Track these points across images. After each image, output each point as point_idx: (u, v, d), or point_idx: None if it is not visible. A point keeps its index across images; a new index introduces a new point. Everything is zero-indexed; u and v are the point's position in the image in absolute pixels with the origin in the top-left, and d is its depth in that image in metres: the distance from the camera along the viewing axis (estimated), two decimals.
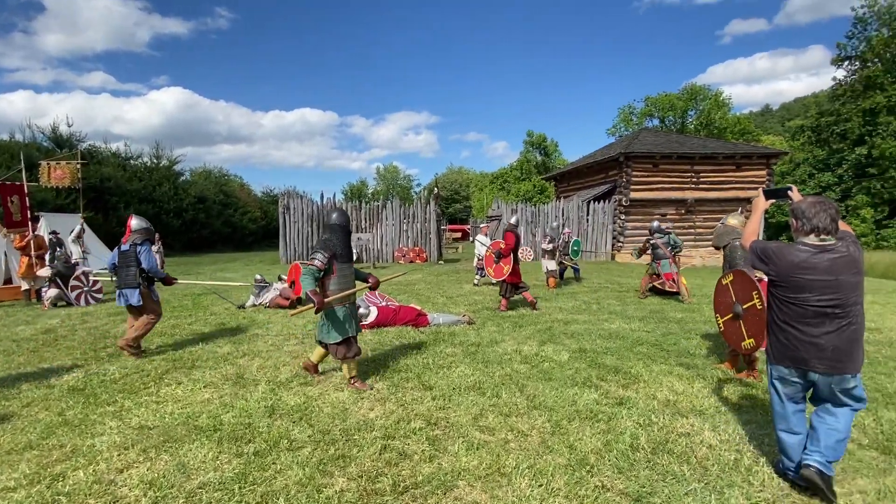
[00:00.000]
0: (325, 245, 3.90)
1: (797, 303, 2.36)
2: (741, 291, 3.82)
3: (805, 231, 2.39)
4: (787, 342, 2.41)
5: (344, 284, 4.00)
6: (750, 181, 18.65)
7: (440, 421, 3.28)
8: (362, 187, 74.66)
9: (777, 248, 2.48)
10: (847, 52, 30.72)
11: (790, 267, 2.36)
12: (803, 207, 2.41)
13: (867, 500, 2.34)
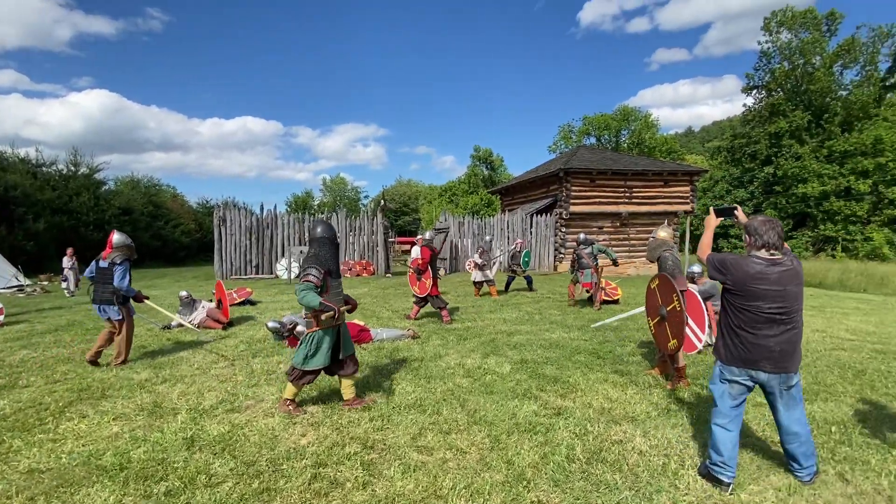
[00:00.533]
0: (316, 260, 3.66)
1: (751, 310, 2.59)
2: (664, 294, 4.11)
3: (757, 246, 2.63)
4: (741, 345, 2.62)
5: (338, 301, 3.78)
6: (676, 196, 20.13)
7: (377, 443, 3.14)
8: (307, 199, 72.59)
9: (734, 260, 2.69)
10: (755, 81, 34.36)
11: (746, 277, 2.59)
12: (756, 225, 2.65)
13: (779, 496, 2.50)
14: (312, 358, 3.66)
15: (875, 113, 29.82)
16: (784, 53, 32.17)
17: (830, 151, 29.05)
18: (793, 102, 31.51)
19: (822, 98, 30.45)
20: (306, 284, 3.51)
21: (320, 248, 3.76)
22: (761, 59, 33.50)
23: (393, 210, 63.37)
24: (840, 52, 30.29)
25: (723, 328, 2.75)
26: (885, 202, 27.29)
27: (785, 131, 30.65)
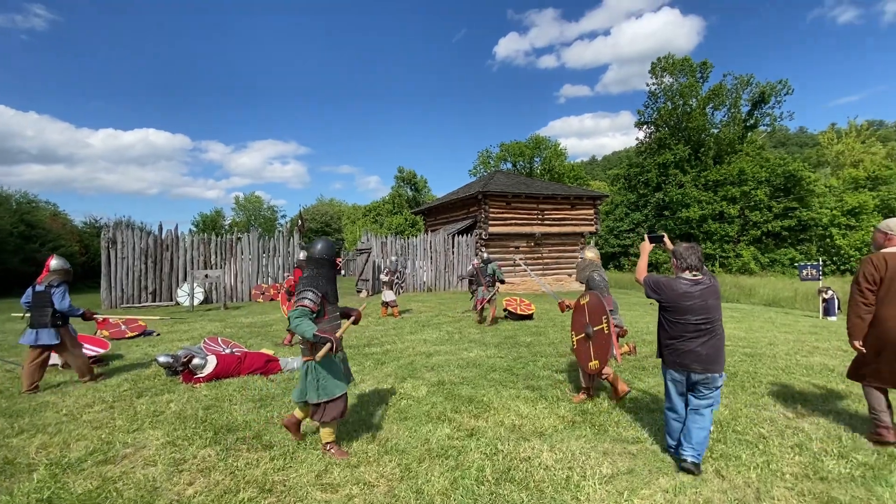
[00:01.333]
0: (313, 282, 3.32)
1: (682, 322, 3.06)
2: (594, 314, 4.18)
3: (682, 268, 3.11)
4: (676, 352, 3.09)
5: (334, 328, 3.41)
6: (582, 218, 21.83)
7: (276, 485, 2.88)
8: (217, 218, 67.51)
9: (666, 281, 3.14)
10: (644, 118, 38.90)
11: (677, 296, 3.06)
12: (681, 251, 3.14)
13: (667, 497, 2.69)
14: (328, 384, 3.27)
15: (739, 148, 35.17)
16: (667, 94, 36.90)
17: (706, 180, 33.56)
18: (675, 137, 36.09)
19: (699, 134, 35.25)
20: (301, 310, 3.16)
21: (319, 268, 3.40)
22: (649, 98, 38.11)
23: (313, 230, 61.11)
24: (711, 96, 35.45)
25: (662, 338, 3.20)
26: (751, 224, 31.98)
27: (670, 162, 34.89)
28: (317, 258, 3.43)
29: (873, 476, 2.88)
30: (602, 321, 4.06)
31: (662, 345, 3.19)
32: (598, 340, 4.09)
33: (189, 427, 3.90)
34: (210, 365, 5.57)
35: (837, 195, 31.90)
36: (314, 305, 3.23)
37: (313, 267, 3.41)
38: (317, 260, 3.43)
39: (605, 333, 4.04)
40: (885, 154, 45.79)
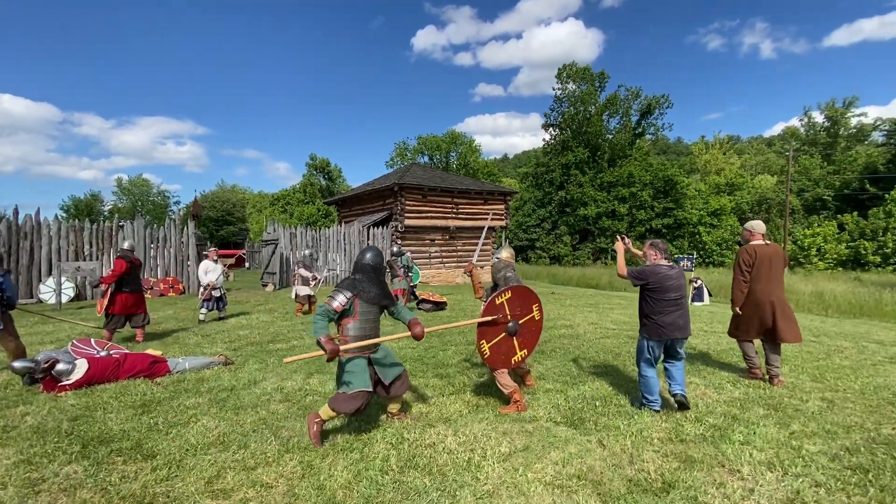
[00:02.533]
0: (351, 285, 3.47)
1: (665, 299, 3.87)
2: (521, 306, 4.08)
3: (661, 257, 4.01)
4: (660, 324, 3.87)
5: (365, 330, 3.49)
6: (494, 213, 22.76)
7: (157, 497, 2.61)
8: (94, 202, 58.82)
9: (649, 269, 3.98)
10: (550, 120, 41.60)
11: (661, 278, 3.89)
12: (660, 245, 4.05)
13: (556, 469, 2.93)
14: (350, 378, 3.37)
15: (629, 153, 39.17)
16: (570, 100, 39.80)
17: (602, 181, 36.92)
18: (577, 140, 39.14)
19: (596, 139, 38.60)
20: (324, 308, 3.32)
21: (363, 274, 3.59)
22: (555, 102, 40.83)
23: (212, 218, 55.97)
24: (607, 104, 38.95)
25: (645, 314, 3.97)
26: (637, 221, 35.88)
27: (572, 163, 37.78)
28: (363, 264, 3.62)
29: (720, 435, 3.43)
30: (533, 309, 4.18)
31: (646, 320, 3.97)
32: (527, 329, 4.14)
33: (50, 442, 3.38)
34: (79, 370, 4.86)
35: (704, 198, 37.06)
36: (340, 306, 3.35)
37: (359, 273, 3.61)
38: (363, 266, 3.62)
39: (538, 320, 4.23)
40: (740, 164, 54.26)
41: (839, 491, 2.65)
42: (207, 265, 9.17)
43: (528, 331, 4.13)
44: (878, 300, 15.37)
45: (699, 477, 2.79)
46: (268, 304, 11.63)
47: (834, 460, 3.03)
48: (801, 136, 48.35)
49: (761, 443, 3.27)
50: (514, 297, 3.99)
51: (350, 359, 3.44)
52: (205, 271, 9.07)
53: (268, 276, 16.86)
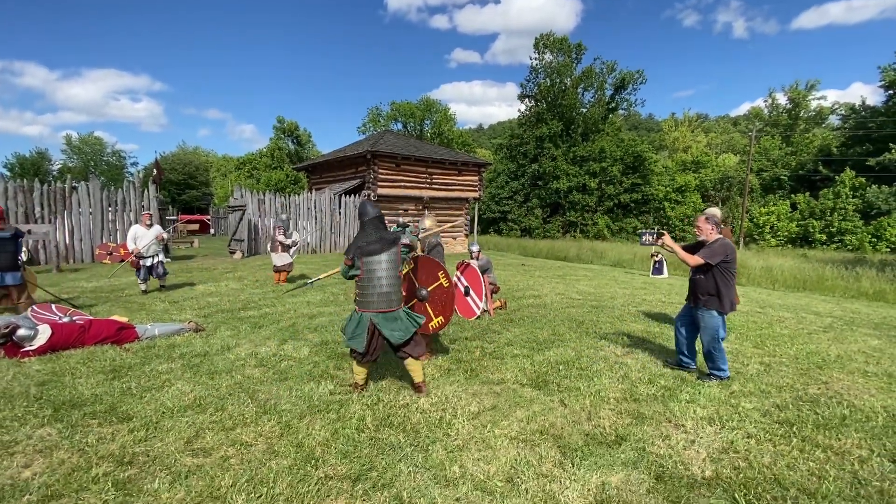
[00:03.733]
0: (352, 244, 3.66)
1: (734, 271, 4.07)
2: (426, 275, 4.25)
3: (720, 231, 4.13)
4: (731, 298, 4.06)
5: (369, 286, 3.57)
6: (468, 184, 22.77)
7: (137, 457, 2.68)
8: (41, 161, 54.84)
9: (719, 243, 4.06)
10: (526, 91, 41.18)
11: (732, 250, 4.04)
12: (716, 219, 4.14)
13: (521, 426, 3.17)
14: (351, 339, 3.59)
15: (602, 128, 39.54)
16: (547, 71, 39.42)
17: (574, 155, 37.28)
18: (551, 113, 39.06)
19: (571, 112, 38.64)
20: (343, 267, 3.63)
21: (361, 229, 3.71)
22: (531, 73, 40.31)
23: (173, 181, 53.40)
24: (582, 77, 38.84)
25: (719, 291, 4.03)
26: (606, 196, 36.69)
27: (546, 136, 37.84)
28: (362, 220, 3.74)
29: (669, 395, 3.76)
30: (439, 276, 4.18)
31: (721, 296, 4.04)
32: (438, 296, 4.18)
33: (19, 406, 3.35)
34: (42, 336, 4.74)
35: (671, 175, 38.14)
36: (347, 261, 3.58)
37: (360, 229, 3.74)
38: (362, 222, 3.73)
39: (446, 287, 4.16)
40: (706, 143, 55.85)
41: (767, 441, 3.00)
42: (137, 230, 8.11)
43: (439, 297, 4.23)
44: (820, 275, 16.54)
45: (648, 431, 3.09)
46: (236, 272, 11.44)
47: (766, 416, 3.40)
48: (764, 117, 50.03)
49: (705, 401, 3.62)
50: (419, 267, 4.30)
51: (355, 314, 3.63)
52: (133, 237, 8.04)
53: (235, 242, 16.46)
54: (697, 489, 2.45)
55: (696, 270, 4.16)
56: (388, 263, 3.59)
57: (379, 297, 3.56)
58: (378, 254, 3.57)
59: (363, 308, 3.57)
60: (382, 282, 3.56)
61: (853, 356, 5.09)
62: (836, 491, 2.45)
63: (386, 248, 3.60)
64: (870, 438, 3.05)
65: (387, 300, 3.58)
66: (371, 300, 3.56)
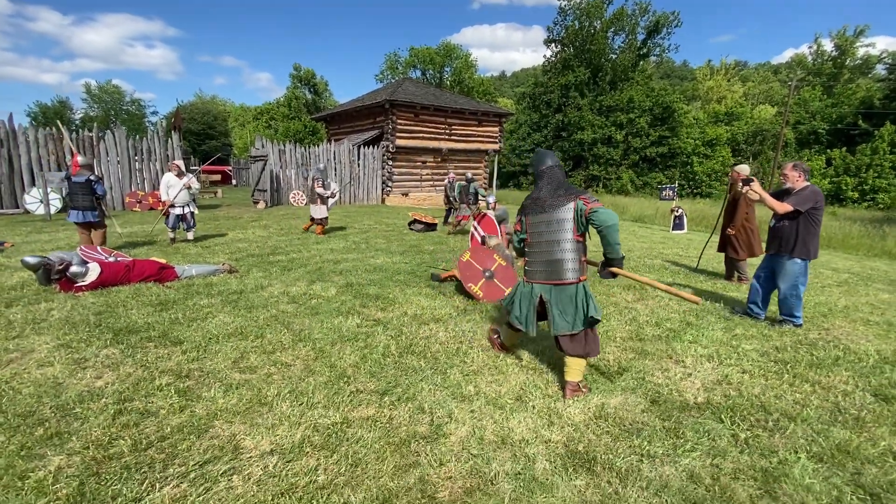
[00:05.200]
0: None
1: (820, 218, 4.13)
2: (485, 260, 5.03)
3: (806, 178, 4.18)
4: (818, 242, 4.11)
5: (536, 249, 2.93)
6: (487, 136, 22.35)
7: (192, 372, 3.07)
8: (62, 109, 55.51)
9: (809, 190, 4.11)
10: (553, 35, 39.01)
11: (821, 196, 4.12)
12: (804, 167, 4.19)
13: (531, 357, 3.45)
14: (510, 312, 3.10)
15: (632, 76, 37.54)
16: (576, 13, 37.09)
17: (601, 105, 35.78)
18: (579, 59, 37.12)
19: (599, 58, 36.66)
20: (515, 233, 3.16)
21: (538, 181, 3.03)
22: (559, 14, 37.99)
23: (193, 132, 53.71)
24: (613, 20, 36.48)
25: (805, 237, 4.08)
26: (632, 150, 35.53)
27: (572, 84, 36.22)
28: (539, 172, 3.06)
29: (674, 336, 3.98)
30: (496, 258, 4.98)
31: (808, 243, 4.10)
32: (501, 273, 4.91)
33: (82, 331, 3.79)
34: (93, 273, 5.18)
35: (701, 127, 36.48)
36: (516, 225, 3.13)
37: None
38: (538, 174, 3.07)
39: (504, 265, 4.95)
40: (742, 93, 52.68)
41: (760, 376, 3.23)
42: (169, 179, 8.04)
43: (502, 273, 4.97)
44: (846, 234, 16.15)
45: (649, 364, 3.35)
46: (262, 221, 11.85)
47: (763, 356, 3.61)
48: (807, 66, 46.63)
49: (706, 342, 3.84)
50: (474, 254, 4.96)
51: (520, 286, 3.09)
52: (167, 186, 8.03)
53: (259, 193, 16.83)
54: (688, 411, 2.71)
55: (781, 218, 4.21)
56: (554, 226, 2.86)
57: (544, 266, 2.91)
58: (545, 212, 2.89)
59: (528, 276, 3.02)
60: (546, 245, 2.90)
61: (860, 307, 5.19)
62: (815, 416, 2.68)
63: (545, 207, 2.90)
64: (857, 376, 3.25)
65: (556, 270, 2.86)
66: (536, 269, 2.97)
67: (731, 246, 6.21)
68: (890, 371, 3.40)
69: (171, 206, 8.08)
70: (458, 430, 2.44)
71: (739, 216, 6.04)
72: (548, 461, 2.20)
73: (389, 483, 2.03)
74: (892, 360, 3.65)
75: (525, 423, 2.52)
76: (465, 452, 2.26)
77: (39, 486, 1.97)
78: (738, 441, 2.43)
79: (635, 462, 2.21)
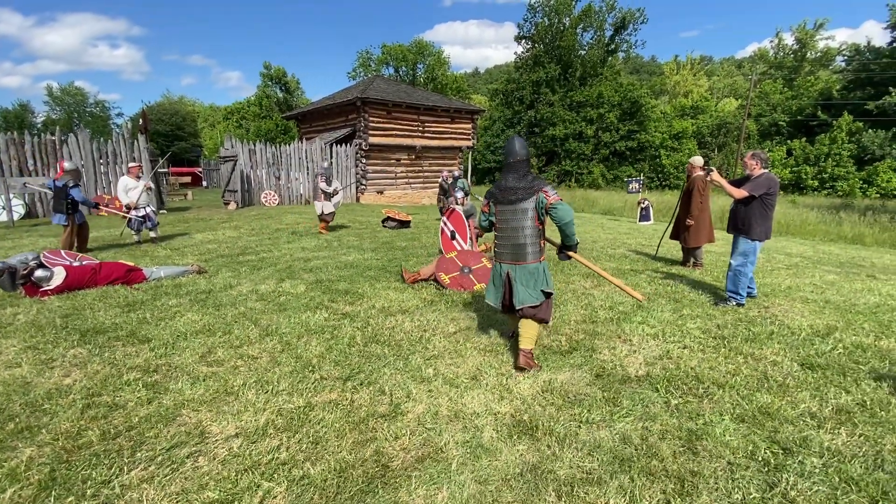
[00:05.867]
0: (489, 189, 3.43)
1: (773, 204, 4.53)
2: (471, 260, 5.46)
3: (764, 167, 4.59)
4: (768, 227, 4.54)
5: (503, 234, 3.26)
6: (461, 132, 22.55)
7: (160, 367, 3.16)
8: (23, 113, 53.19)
9: (764, 177, 4.52)
10: (524, 31, 39.48)
11: (775, 183, 4.54)
12: (762, 156, 4.62)
13: (489, 340, 3.66)
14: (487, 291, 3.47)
15: (601, 72, 38.35)
16: (545, 10, 37.61)
17: (572, 101, 36.44)
18: (549, 56, 37.70)
19: (569, 54, 37.32)
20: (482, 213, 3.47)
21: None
22: (529, 11, 38.47)
23: (161, 133, 52.17)
24: (581, 17, 37.15)
25: (758, 219, 4.51)
26: (602, 144, 36.33)
27: (543, 80, 36.77)
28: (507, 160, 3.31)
29: (625, 318, 4.25)
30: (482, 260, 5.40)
31: (757, 226, 4.52)
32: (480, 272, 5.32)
33: (49, 333, 3.81)
34: (58, 277, 5.15)
35: (668, 121, 37.56)
36: (484, 206, 3.42)
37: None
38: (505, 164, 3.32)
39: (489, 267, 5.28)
40: (708, 87, 54.38)
41: (699, 351, 3.51)
42: (127, 182, 8.14)
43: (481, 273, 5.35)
44: (804, 220, 17.02)
45: (598, 343, 3.59)
46: (232, 222, 11.75)
47: (705, 333, 3.91)
48: (769, 59, 48.43)
49: (654, 322, 4.12)
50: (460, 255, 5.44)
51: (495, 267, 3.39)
52: (125, 189, 8.11)
53: (229, 193, 16.62)
54: (629, 383, 2.96)
55: (738, 201, 4.66)
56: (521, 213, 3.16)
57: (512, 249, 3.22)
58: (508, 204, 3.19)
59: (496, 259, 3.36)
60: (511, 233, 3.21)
61: (802, 287, 5.59)
62: (743, 383, 2.97)
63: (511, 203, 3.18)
64: (787, 348, 3.57)
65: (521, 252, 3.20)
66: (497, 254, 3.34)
67: (685, 234, 6.59)
68: (819, 343, 3.73)
69: (135, 209, 8.12)
70: (415, 408, 2.62)
71: (695, 205, 6.42)
72: (495, 430, 2.40)
73: (347, 456, 2.19)
74: (823, 332, 4.00)
75: (478, 399, 2.72)
76: (420, 427, 2.44)
77: (12, 473, 2.05)
78: (670, 407, 2.68)
79: (574, 428, 2.43)
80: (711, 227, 6.62)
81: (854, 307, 4.73)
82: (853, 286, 5.74)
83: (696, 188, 6.43)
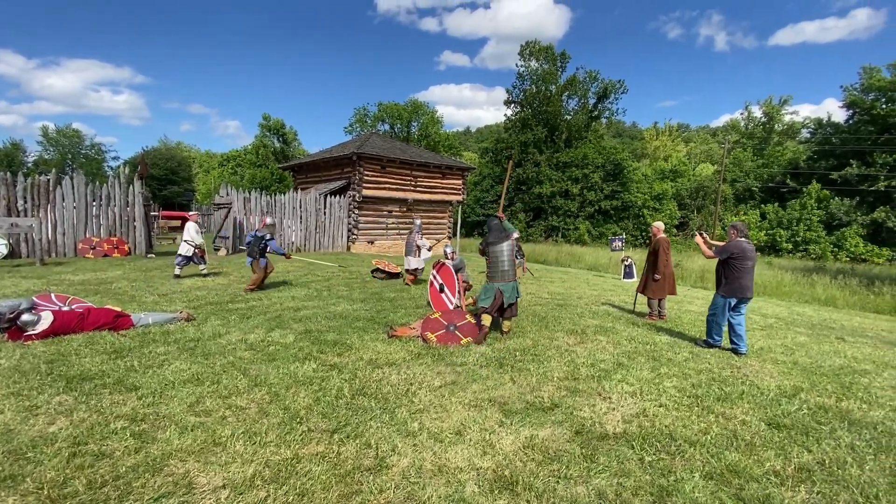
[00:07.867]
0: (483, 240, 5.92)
1: (743, 267, 5.24)
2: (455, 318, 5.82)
3: (741, 236, 5.36)
4: (737, 286, 5.27)
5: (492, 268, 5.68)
6: (451, 188, 23.41)
7: (148, 416, 3.19)
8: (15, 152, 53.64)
9: (733, 243, 5.33)
10: (512, 97, 42.10)
11: (743, 250, 5.24)
12: (739, 227, 5.45)
13: (474, 395, 3.76)
14: (483, 301, 5.55)
15: (585, 135, 40.65)
16: (532, 78, 40.40)
17: (557, 161, 38.27)
18: (536, 119, 40.03)
19: (555, 118, 39.68)
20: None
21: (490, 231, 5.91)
22: (517, 79, 41.27)
23: (155, 177, 52.81)
24: (567, 85, 39.91)
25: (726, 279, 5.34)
26: (587, 202, 37.76)
27: (531, 141, 38.78)
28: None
29: (605, 376, 4.40)
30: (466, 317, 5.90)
31: (726, 283, 5.33)
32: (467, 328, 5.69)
33: (33, 379, 3.81)
34: (45, 321, 5.16)
35: (649, 183, 39.44)
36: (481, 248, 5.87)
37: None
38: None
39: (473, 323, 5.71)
40: (686, 153, 57.70)
41: (674, 409, 3.66)
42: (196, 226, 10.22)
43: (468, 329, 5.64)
44: (779, 282, 17.64)
45: (580, 401, 3.72)
46: (222, 268, 11.81)
47: (680, 392, 4.07)
48: (740, 130, 51.98)
49: (633, 380, 4.27)
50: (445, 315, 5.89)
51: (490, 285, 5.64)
52: (197, 232, 10.13)
53: (220, 240, 16.75)
54: (606, 440, 3.07)
55: (718, 263, 5.54)
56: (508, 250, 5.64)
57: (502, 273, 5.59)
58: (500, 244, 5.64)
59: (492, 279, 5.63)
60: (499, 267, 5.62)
61: (774, 349, 5.84)
62: (713, 441, 3.11)
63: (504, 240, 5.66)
64: (756, 408, 3.74)
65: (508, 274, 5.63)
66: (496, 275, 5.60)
67: (650, 288, 7.31)
68: (786, 403, 3.92)
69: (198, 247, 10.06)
70: (400, 462, 2.69)
71: (661, 263, 7.14)
72: (477, 485, 2.48)
73: None
74: (790, 393, 4.19)
75: (461, 454, 2.80)
76: (405, 481, 2.51)
77: None
78: (644, 463, 2.79)
79: (552, 483, 2.52)
80: (674, 282, 7.49)
81: (820, 369, 4.96)
82: (822, 348, 6.01)
83: (661, 248, 7.18)
